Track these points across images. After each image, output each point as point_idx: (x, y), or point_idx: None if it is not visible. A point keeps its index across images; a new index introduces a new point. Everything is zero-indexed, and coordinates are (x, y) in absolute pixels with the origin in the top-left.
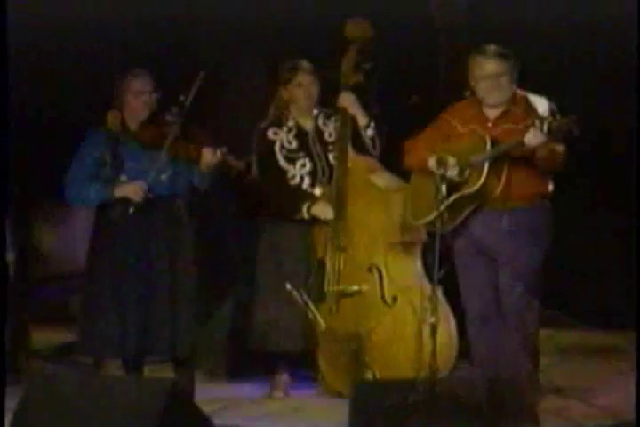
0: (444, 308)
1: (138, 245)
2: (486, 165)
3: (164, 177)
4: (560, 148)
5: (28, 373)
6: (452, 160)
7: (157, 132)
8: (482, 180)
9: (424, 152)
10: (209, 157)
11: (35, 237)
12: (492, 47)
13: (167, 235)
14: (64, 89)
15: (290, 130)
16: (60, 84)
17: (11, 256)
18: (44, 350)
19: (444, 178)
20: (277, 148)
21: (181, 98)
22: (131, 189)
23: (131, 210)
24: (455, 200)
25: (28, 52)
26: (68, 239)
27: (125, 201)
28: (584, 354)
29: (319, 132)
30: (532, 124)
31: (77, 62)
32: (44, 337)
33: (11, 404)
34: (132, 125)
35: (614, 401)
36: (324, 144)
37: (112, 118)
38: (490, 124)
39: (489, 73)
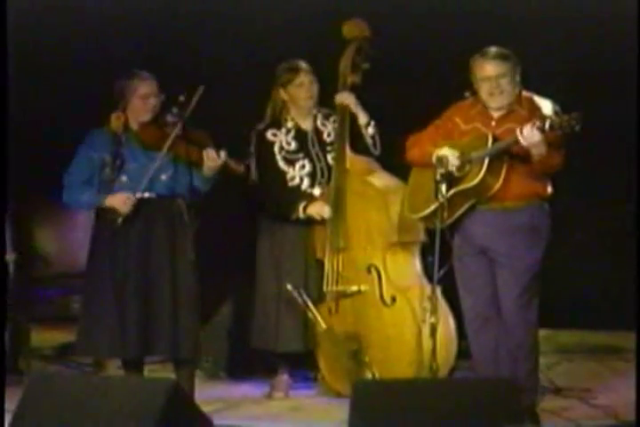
0: (444, 308)
1: (138, 245)
2: (486, 162)
3: (164, 177)
4: (556, 152)
5: (28, 373)
6: (453, 155)
7: (159, 133)
8: (480, 175)
9: (427, 147)
10: (211, 159)
11: (35, 237)
12: (492, 49)
13: (168, 235)
14: (64, 89)
15: (289, 131)
16: (59, 84)
17: (11, 256)
18: (44, 350)
19: (444, 176)
20: (276, 149)
21: (181, 99)
22: (118, 201)
23: (119, 221)
24: (453, 195)
25: (27, 51)
26: (68, 239)
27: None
28: (584, 354)
29: (318, 133)
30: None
31: (77, 62)
32: (44, 337)
33: (11, 404)
34: (134, 126)
35: (614, 401)
36: (323, 144)
37: (115, 120)
38: (494, 123)
39: (489, 75)
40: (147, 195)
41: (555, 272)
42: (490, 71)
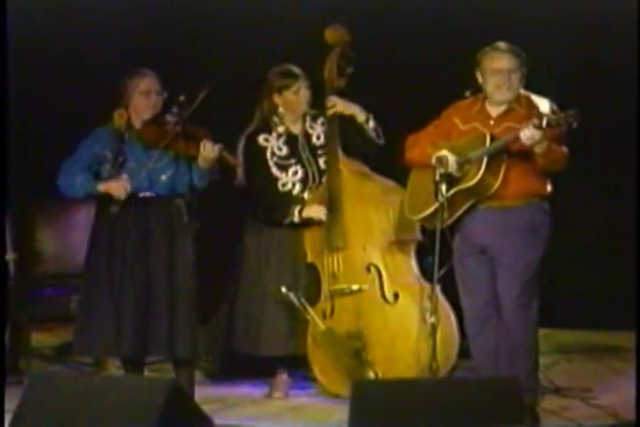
0: (445, 307)
1: (136, 245)
2: (484, 161)
3: (164, 178)
4: (558, 147)
5: (28, 373)
6: (452, 158)
7: (159, 131)
8: (479, 175)
9: (427, 148)
10: (207, 151)
11: (35, 237)
12: (499, 44)
13: (166, 235)
14: (64, 89)
15: (280, 136)
16: (60, 84)
17: (11, 256)
18: (44, 350)
19: (444, 176)
20: (269, 155)
21: (181, 98)
22: (113, 186)
23: (112, 209)
24: (453, 195)
25: (28, 51)
26: (68, 239)
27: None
28: (584, 354)
29: (307, 136)
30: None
31: (78, 62)
32: (43, 337)
33: (11, 404)
34: (137, 124)
35: (614, 401)
36: (313, 148)
37: (118, 117)
38: (492, 122)
39: (501, 68)
40: (147, 194)
41: (555, 272)
42: (502, 64)
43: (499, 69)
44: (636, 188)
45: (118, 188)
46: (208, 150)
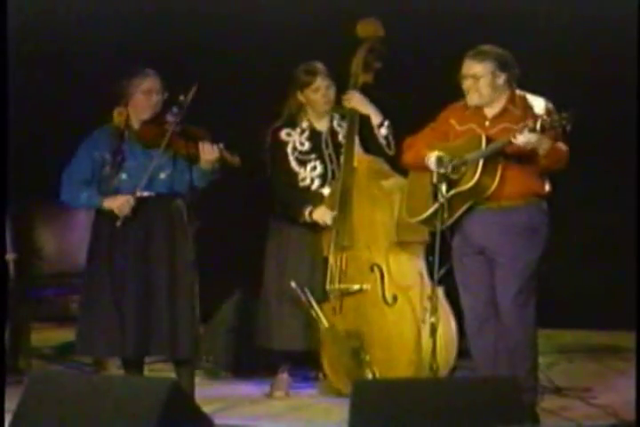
0: (445, 308)
1: (137, 244)
2: (481, 163)
3: (163, 176)
4: (562, 146)
5: (28, 373)
6: (450, 159)
7: (158, 131)
8: (476, 177)
9: (423, 150)
10: (207, 152)
11: (35, 237)
12: (478, 48)
13: (167, 234)
14: (64, 89)
15: (303, 131)
16: (60, 84)
17: (11, 256)
18: (44, 350)
19: (442, 177)
20: (289, 149)
21: (181, 98)
22: (117, 203)
23: (118, 223)
24: (451, 197)
25: (28, 52)
26: (68, 239)
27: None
28: (584, 354)
29: (333, 134)
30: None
31: (78, 63)
32: (43, 337)
33: (11, 404)
34: (135, 124)
35: (614, 401)
36: (338, 146)
37: (118, 115)
38: (487, 123)
39: (467, 74)
40: (146, 193)
41: (555, 272)
42: (464, 70)
43: (463, 75)
44: (636, 188)
45: (122, 205)
46: (208, 151)
